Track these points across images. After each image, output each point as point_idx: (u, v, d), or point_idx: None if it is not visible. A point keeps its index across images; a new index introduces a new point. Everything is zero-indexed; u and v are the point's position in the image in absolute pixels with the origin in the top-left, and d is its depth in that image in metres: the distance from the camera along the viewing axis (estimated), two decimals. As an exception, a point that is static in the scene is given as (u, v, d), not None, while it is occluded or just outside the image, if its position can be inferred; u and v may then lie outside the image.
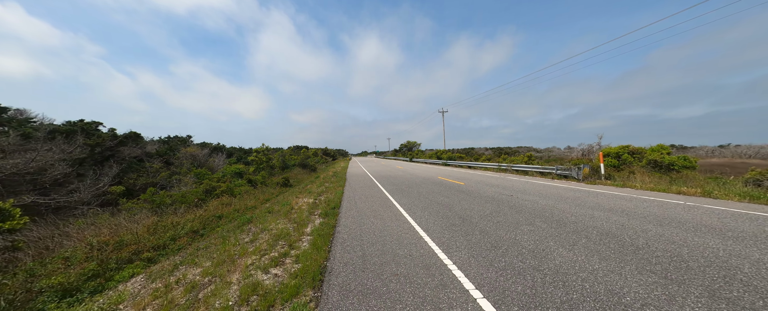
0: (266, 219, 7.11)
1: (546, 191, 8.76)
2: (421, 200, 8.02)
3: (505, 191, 8.87)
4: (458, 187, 10.43)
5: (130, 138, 17.58)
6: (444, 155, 33.79)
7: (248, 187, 14.44)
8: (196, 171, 15.71)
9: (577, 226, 4.68)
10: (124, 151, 17.13)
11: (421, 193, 9.34)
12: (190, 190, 11.37)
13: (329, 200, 9.01)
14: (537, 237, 4.20)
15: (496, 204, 6.84)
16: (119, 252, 5.40)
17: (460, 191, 9.28)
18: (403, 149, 66.27)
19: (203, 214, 8.78)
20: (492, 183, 11.23)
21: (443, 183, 11.85)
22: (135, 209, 9.91)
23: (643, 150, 14.12)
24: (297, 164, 30.19)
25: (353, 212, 6.80)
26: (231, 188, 12.89)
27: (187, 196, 10.91)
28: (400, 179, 14.60)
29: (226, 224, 7.80)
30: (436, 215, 5.97)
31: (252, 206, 10.46)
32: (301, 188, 13.63)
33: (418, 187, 10.93)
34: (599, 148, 31.45)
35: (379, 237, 4.67)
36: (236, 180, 15.65)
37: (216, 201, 11.07)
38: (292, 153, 37.21)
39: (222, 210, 9.78)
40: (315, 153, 46.34)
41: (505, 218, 5.42)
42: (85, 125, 15.29)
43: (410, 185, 11.77)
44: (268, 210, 8.32)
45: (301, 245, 4.71)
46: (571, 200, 7.07)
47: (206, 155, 19.43)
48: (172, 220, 7.91)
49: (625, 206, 6.08)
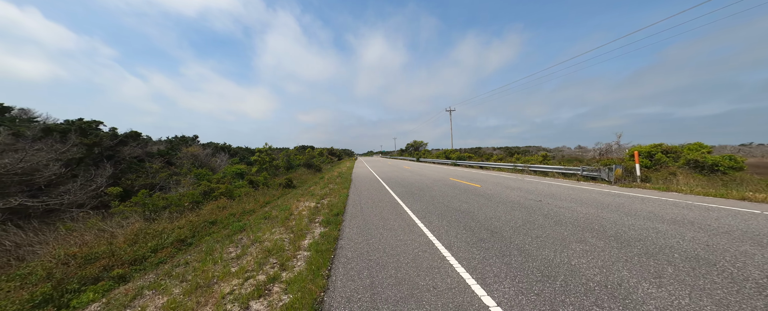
0: (261, 227, 6.28)
1: (578, 195, 7.68)
2: (436, 205, 7.06)
3: (530, 196, 7.83)
4: (475, 190, 9.42)
5: (130, 137, 17.11)
6: (453, 154, 32.65)
7: (249, 188, 13.72)
8: (196, 172, 15.09)
9: (646, 246, 3.66)
10: (125, 151, 16.66)
11: (434, 197, 8.38)
12: (186, 192, 10.68)
13: (333, 204, 8.14)
14: (600, 262, 3.21)
15: (526, 212, 5.83)
16: (87, 267, 4.62)
17: (478, 195, 8.28)
18: (409, 149, 65.21)
19: (195, 219, 8.03)
20: (511, 185, 10.18)
21: (457, 185, 10.85)
22: (127, 213, 9.25)
23: (678, 149, 12.82)
24: (302, 164, 29.54)
25: (359, 221, 5.90)
26: (230, 189, 12.17)
27: (183, 199, 10.21)
28: (409, 180, 13.65)
29: (218, 231, 7.01)
30: (458, 226, 5.01)
31: (250, 209, 9.69)
32: (304, 190, 12.82)
33: (429, 190, 9.96)
34: (618, 147, 29.84)
35: (390, 257, 3.75)
36: (237, 181, 14.97)
37: (212, 204, 10.34)
38: (297, 153, 36.65)
39: (217, 215, 9.02)
40: (320, 153, 45.74)
41: (544, 232, 4.42)
42: (84, 124, 14.83)
43: (421, 187, 10.81)
44: (265, 216, 7.50)
45: (295, 264, 3.83)
46: (615, 207, 6.00)
47: (208, 155, 18.87)
48: (160, 226, 7.16)
49: (690, 217, 5.00)
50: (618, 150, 29.13)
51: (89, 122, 15.31)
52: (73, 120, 14.75)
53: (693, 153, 11.67)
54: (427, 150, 56.41)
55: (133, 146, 17.52)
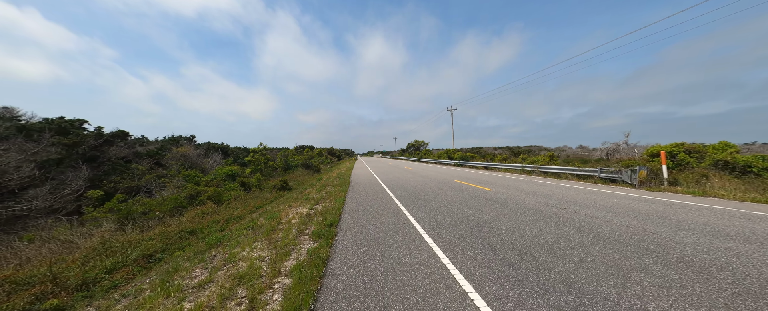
0: (241, 241, 5.38)
1: (605, 201, 6.76)
2: (445, 214, 6.15)
3: (550, 202, 6.91)
4: (485, 194, 8.51)
5: (117, 137, 16.23)
6: (455, 154, 31.73)
7: (240, 191, 12.83)
8: (184, 173, 14.20)
9: (737, 278, 2.74)
10: (111, 151, 15.78)
11: (441, 202, 7.47)
12: (168, 197, 9.78)
13: (327, 211, 7.24)
14: (692, 308, 2.30)
15: (554, 224, 4.92)
16: (15, 296, 3.73)
17: (490, 201, 7.36)
18: (410, 149, 64.31)
19: (172, 228, 7.12)
20: (524, 189, 9.26)
21: (464, 189, 9.94)
22: (100, 220, 8.36)
23: (701, 148, 11.89)
24: (300, 164, 28.66)
25: (355, 234, 4.99)
26: (218, 193, 11.27)
27: (164, 204, 9.31)
28: (411, 182, 12.74)
29: (195, 243, 6.11)
30: (475, 243, 4.10)
31: (237, 216, 8.79)
32: (299, 193, 11.92)
33: (435, 194, 9.05)
34: (627, 147, 28.91)
35: (394, 291, 2.84)
36: (228, 183, 14.08)
37: (197, 210, 9.44)
38: (295, 153, 35.76)
39: (199, 222, 8.13)
40: (319, 153, 44.85)
41: (587, 254, 3.51)
42: (65, 122, 13.94)
43: (425, 190, 9.89)
44: (250, 225, 6.59)
45: (268, 300, 2.92)
46: (658, 218, 5.09)
47: (200, 155, 17.98)
48: (129, 237, 6.26)
49: (764, 232, 4.08)
50: (626, 150, 28.15)
51: (71, 120, 14.43)
52: (52, 119, 13.87)
53: (720, 153, 10.74)
54: (428, 150, 55.51)
55: (120, 146, 16.65)
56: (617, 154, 28.25)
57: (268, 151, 38.81)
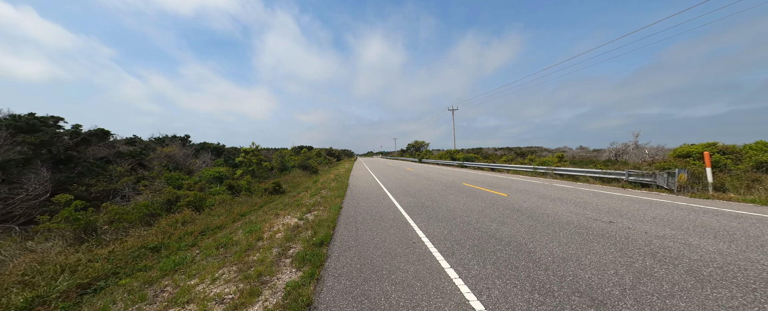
0: (205, 265, 4.20)
1: (655, 212, 5.60)
2: (463, 228, 4.97)
3: (586, 212, 5.75)
4: (503, 201, 7.33)
5: (95, 136, 15.01)
6: (458, 155, 30.56)
7: (227, 195, 11.63)
8: (167, 175, 12.99)
9: None
10: (88, 151, 14.56)
11: (454, 212, 6.28)
12: (140, 203, 8.57)
13: (320, 221, 6.06)
14: None
15: (613, 247, 3.75)
16: None
17: (513, 210, 6.19)
18: (410, 150, 63.18)
19: (131, 244, 5.92)
20: (546, 194, 8.09)
21: (477, 194, 8.76)
22: (56, 231, 7.15)
23: (736, 149, 10.75)
24: (297, 165, 27.46)
25: (350, 259, 3.81)
26: (200, 198, 10.07)
27: (133, 212, 8.10)
28: (415, 185, 11.55)
29: (153, 265, 4.92)
30: (519, 281, 2.92)
31: (216, 226, 7.59)
32: (291, 198, 10.73)
33: (444, 200, 7.87)
34: (636, 147, 27.75)
35: None
36: (214, 187, 12.88)
37: (171, 218, 8.25)
38: (292, 154, 34.56)
39: (170, 234, 6.93)
40: (318, 154, 43.65)
41: (697, 305, 2.34)
42: (34, 119, 12.72)
43: (432, 196, 8.71)
44: (224, 241, 5.40)
45: None
46: (746, 238, 3.93)
47: (186, 155, 16.77)
48: (71, 259, 5.05)
49: None
50: (636, 151, 27.04)
51: (42, 117, 13.20)
52: (20, 115, 12.63)
53: (762, 154, 9.60)
54: (429, 151, 54.39)
55: (99, 145, 15.42)
56: (625, 155, 27.16)
57: (266, 151, 37.53)
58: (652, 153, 24.44)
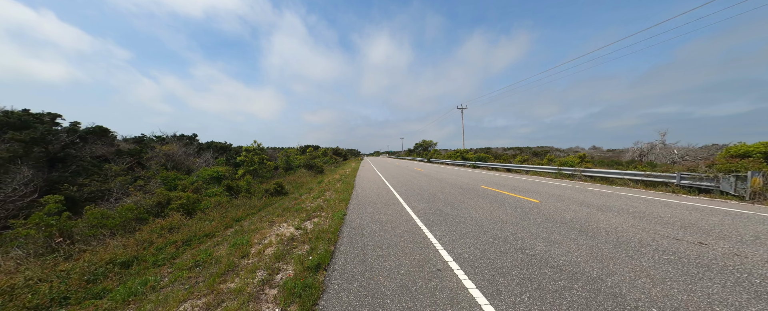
0: (170, 294, 3.25)
1: (751, 229, 4.39)
2: (500, 248, 3.89)
3: (657, 228, 4.58)
4: (538, 210, 6.19)
5: (93, 134, 14.45)
6: (470, 155, 29.24)
7: (224, 197, 10.80)
8: (163, 175, 12.26)
9: None
10: (86, 149, 14.00)
11: (482, 223, 5.19)
12: (125, 206, 7.76)
13: (320, 233, 5.07)
14: None
15: (744, 289, 2.62)
16: None
17: (556, 223, 5.05)
18: (417, 149, 61.96)
19: (98, 258, 5.05)
20: (587, 201, 6.90)
21: (502, 199, 7.62)
22: (30, 238, 6.39)
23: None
24: (302, 165, 26.69)
25: (355, 292, 2.79)
26: (193, 200, 9.23)
27: (114, 217, 7.28)
28: (428, 188, 10.47)
29: (116, 287, 4.01)
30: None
31: (205, 233, 6.70)
32: (292, 201, 9.81)
33: (465, 206, 6.77)
34: (663, 147, 25.86)
35: None
36: (211, 187, 12.08)
37: (157, 224, 7.41)
38: (297, 153, 33.85)
39: (151, 244, 6.07)
40: (324, 153, 42.90)
41: None
42: (27, 116, 12.18)
43: (450, 200, 7.62)
44: (202, 258, 4.46)
45: None
46: None
47: (188, 154, 16.09)
48: (17, 279, 4.19)
49: None
50: (663, 150, 25.16)
51: (37, 114, 12.67)
52: (12, 110, 12.10)
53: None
54: (437, 150, 53.05)
55: (99, 144, 14.87)
56: (651, 155, 25.34)
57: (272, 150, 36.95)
58: (682, 153, 22.64)
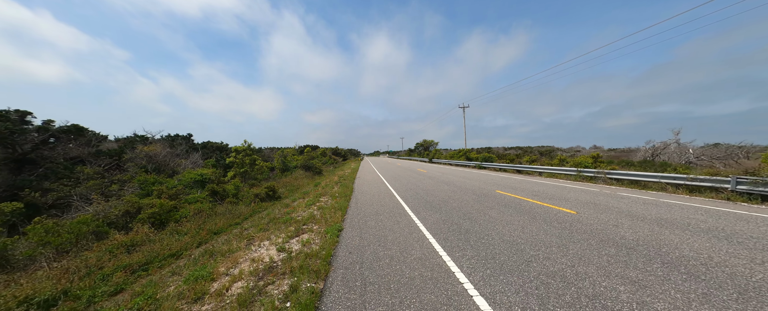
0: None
1: None
2: (561, 292, 2.69)
3: (754, 254, 3.40)
4: (582, 225, 5.00)
5: (67, 133, 13.23)
6: (473, 154, 28.03)
7: (207, 203, 9.60)
8: (141, 179, 11.05)
9: None
10: (59, 150, 12.79)
11: (519, 247, 4.00)
12: (77, 220, 6.54)
13: (307, 260, 3.88)
14: None
15: None
16: None
17: (615, 245, 3.87)
18: (418, 149, 60.79)
19: (9, 295, 3.85)
20: (632, 212, 5.72)
21: (527, 209, 6.43)
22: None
23: None
24: (299, 166, 25.48)
25: None
26: (168, 208, 8.03)
27: (62, 233, 6.06)
28: (436, 193, 9.28)
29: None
30: None
31: (170, 253, 5.50)
32: (283, 208, 8.60)
33: (487, 219, 5.58)
34: (678, 147, 24.63)
35: None
36: (194, 192, 10.88)
37: (116, 240, 6.20)
38: (295, 153, 32.61)
39: (98, 269, 4.87)
40: (323, 153, 41.66)
41: None
42: (-11, 113, 10.94)
43: (466, 211, 6.43)
44: (137, 304, 3.26)
45: None
46: None
47: (173, 155, 14.87)
48: None
49: None
50: (678, 150, 23.92)
51: (2, 111, 11.44)
52: (-31, 108, 10.86)
53: None
54: (438, 150, 51.84)
55: (74, 144, 13.65)
56: (665, 155, 24.15)
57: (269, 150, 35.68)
58: (697, 153, 21.46)
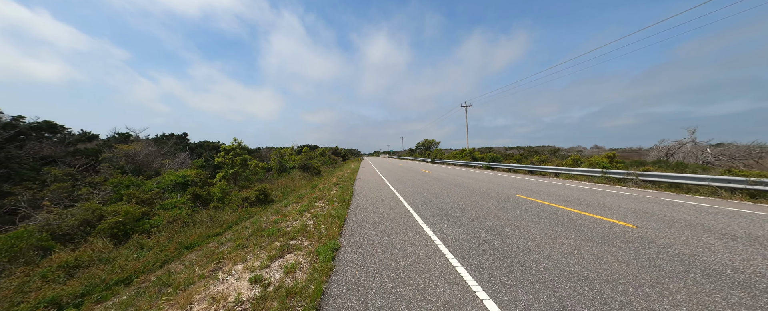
0: None
1: None
2: None
3: None
4: (649, 244, 3.81)
5: (38, 130, 12.02)
6: (476, 154, 26.81)
7: (186, 210, 8.39)
8: (114, 181, 9.84)
9: None
10: (26, 148, 11.57)
11: (593, 287, 2.79)
12: (12, 233, 5.34)
13: (288, 297, 2.67)
14: None
15: None
16: None
17: (721, 279, 2.68)
18: (419, 149, 59.60)
19: None
20: (709, 226, 4.53)
21: (565, 219, 5.23)
22: None
23: None
24: (297, 166, 24.29)
25: None
26: (134, 216, 6.82)
27: None
28: (449, 199, 8.07)
29: None
30: None
31: (118, 279, 4.30)
32: (272, 215, 7.39)
33: (525, 236, 4.38)
34: (694, 146, 23.51)
35: None
36: (174, 197, 9.67)
37: (57, 260, 5.00)
38: (292, 153, 31.40)
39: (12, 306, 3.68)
40: (322, 153, 40.44)
41: None
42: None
43: (492, 223, 5.22)
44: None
45: None
46: None
47: (158, 154, 13.66)
48: None
49: None
50: (694, 149, 22.66)
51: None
52: None
53: None
54: (440, 150, 50.64)
55: (46, 142, 12.44)
56: (680, 154, 22.90)
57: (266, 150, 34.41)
58: (715, 153, 20.26)
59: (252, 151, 34.04)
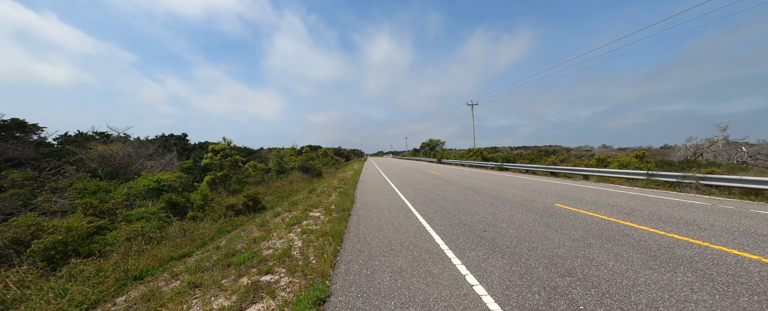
0: None
1: None
2: None
3: None
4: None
5: (3, 129, 10.79)
6: (490, 153, 25.16)
7: (155, 222, 7.02)
8: (79, 186, 8.52)
9: None
10: (-9, 149, 10.32)
11: None
12: None
13: None
14: None
15: None
16: None
17: None
18: (424, 149, 57.98)
19: None
20: None
21: (650, 245, 3.73)
22: None
23: None
24: (296, 167, 22.93)
25: None
26: (82, 233, 5.45)
27: None
28: (470, 208, 6.56)
29: None
30: None
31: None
32: (254, 231, 5.96)
33: (606, 277, 2.90)
34: (727, 144, 21.67)
35: None
36: (145, 205, 8.32)
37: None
38: (292, 153, 30.08)
39: None
40: (324, 153, 39.11)
41: None
42: None
43: (547, 251, 3.74)
44: None
45: None
46: None
47: (139, 155, 12.37)
48: None
49: None
50: (727, 148, 20.79)
51: None
52: None
53: None
54: (445, 150, 48.96)
55: (13, 143, 11.21)
56: (711, 153, 21.01)
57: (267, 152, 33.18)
58: (752, 152, 18.40)
59: (253, 151, 32.82)
